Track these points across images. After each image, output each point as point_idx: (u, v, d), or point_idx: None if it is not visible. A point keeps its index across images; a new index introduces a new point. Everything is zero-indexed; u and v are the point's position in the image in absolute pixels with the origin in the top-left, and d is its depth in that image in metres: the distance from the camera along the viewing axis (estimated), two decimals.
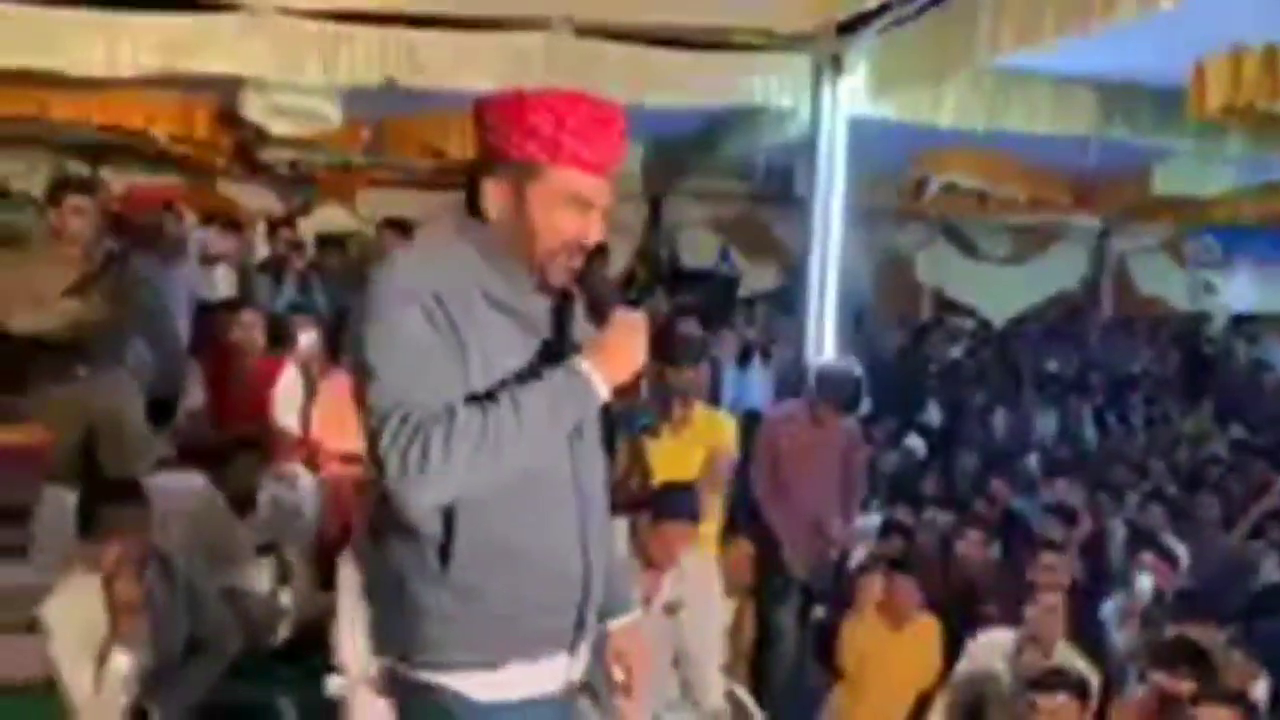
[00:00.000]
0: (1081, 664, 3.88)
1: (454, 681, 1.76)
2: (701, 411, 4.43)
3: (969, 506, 6.00)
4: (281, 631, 4.13)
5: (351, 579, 3.26)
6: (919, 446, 7.65)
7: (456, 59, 5.25)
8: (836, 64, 5.54)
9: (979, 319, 11.20)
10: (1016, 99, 5.73)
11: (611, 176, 1.80)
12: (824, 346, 5.70)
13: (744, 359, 7.73)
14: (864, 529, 5.39)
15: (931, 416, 8.50)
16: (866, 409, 6.07)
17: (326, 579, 3.60)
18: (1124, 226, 10.96)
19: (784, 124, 6.22)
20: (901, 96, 5.52)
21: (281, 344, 5.25)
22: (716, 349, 7.19)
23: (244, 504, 4.25)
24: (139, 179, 8.76)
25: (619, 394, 1.78)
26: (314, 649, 3.55)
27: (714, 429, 4.41)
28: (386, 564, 1.80)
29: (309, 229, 8.77)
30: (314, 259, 7.80)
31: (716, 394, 6.48)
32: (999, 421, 8.80)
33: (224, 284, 6.96)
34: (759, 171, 8.61)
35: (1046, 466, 7.52)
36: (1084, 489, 6.59)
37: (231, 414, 5.08)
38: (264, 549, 4.22)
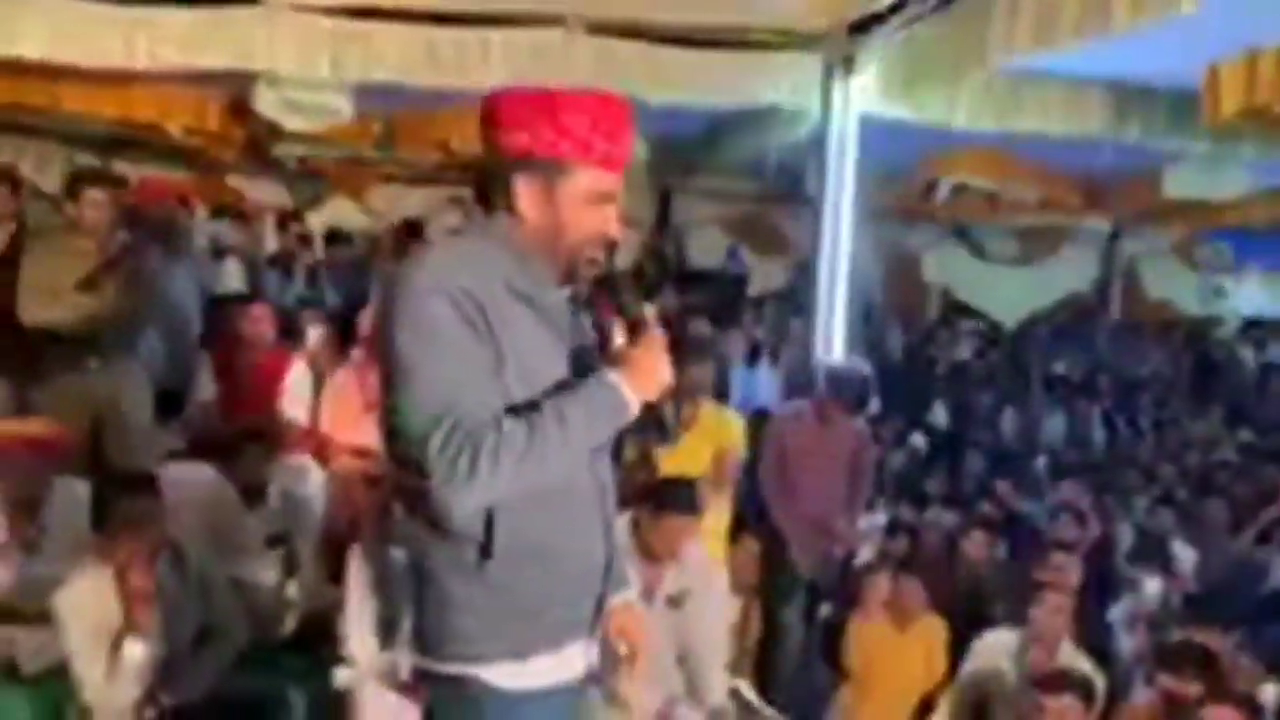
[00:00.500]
0: (1087, 665, 3.88)
1: (483, 672, 1.80)
2: (709, 410, 4.44)
3: (974, 507, 5.99)
4: (289, 623, 4.13)
5: (360, 573, 3.28)
6: (923, 445, 7.65)
7: (470, 56, 5.25)
8: (848, 64, 5.51)
9: (988, 320, 11.17)
10: (1029, 100, 5.69)
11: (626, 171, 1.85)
12: (833, 346, 5.69)
13: (752, 358, 7.75)
14: (869, 528, 5.39)
15: (938, 417, 8.49)
16: (875, 409, 6.06)
17: (335, 572, 3.60)
18: (1135, 229, 10.89)
19: (794, 123, 6.21)
20: (913, 97, 5.51)
21: (291, 338, 5.28)
22: (724, 348, 7.19)
23: (253, 496, 4.26)
24: (149, 171, 8.78)
25: (646, 409, 1.84)
26: (321, 641, 3.56)
27: (721, 428, 4.42)
28: (411, 559, 1.83)
29: (319, 224, 8.79)
30: (323, 254, 7.83)
31: (724, 393, 6.48)
32: (1007, 423, 8.79)
33: (233, 277, 6.99)
34: (769, 171, 8.59)
35: (1054, 469, 7.51)
36: (1091, 492, 6.58)
37: (241, 407, 5.09)
38: (273, 541, 4.23)
